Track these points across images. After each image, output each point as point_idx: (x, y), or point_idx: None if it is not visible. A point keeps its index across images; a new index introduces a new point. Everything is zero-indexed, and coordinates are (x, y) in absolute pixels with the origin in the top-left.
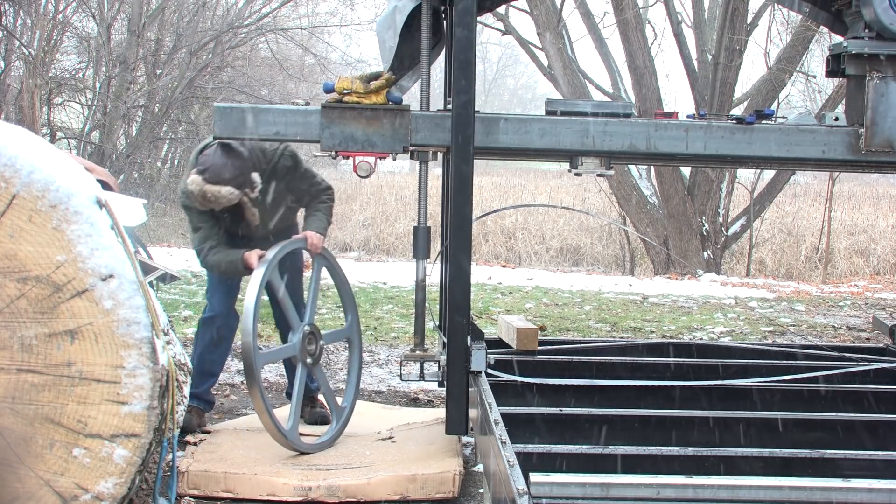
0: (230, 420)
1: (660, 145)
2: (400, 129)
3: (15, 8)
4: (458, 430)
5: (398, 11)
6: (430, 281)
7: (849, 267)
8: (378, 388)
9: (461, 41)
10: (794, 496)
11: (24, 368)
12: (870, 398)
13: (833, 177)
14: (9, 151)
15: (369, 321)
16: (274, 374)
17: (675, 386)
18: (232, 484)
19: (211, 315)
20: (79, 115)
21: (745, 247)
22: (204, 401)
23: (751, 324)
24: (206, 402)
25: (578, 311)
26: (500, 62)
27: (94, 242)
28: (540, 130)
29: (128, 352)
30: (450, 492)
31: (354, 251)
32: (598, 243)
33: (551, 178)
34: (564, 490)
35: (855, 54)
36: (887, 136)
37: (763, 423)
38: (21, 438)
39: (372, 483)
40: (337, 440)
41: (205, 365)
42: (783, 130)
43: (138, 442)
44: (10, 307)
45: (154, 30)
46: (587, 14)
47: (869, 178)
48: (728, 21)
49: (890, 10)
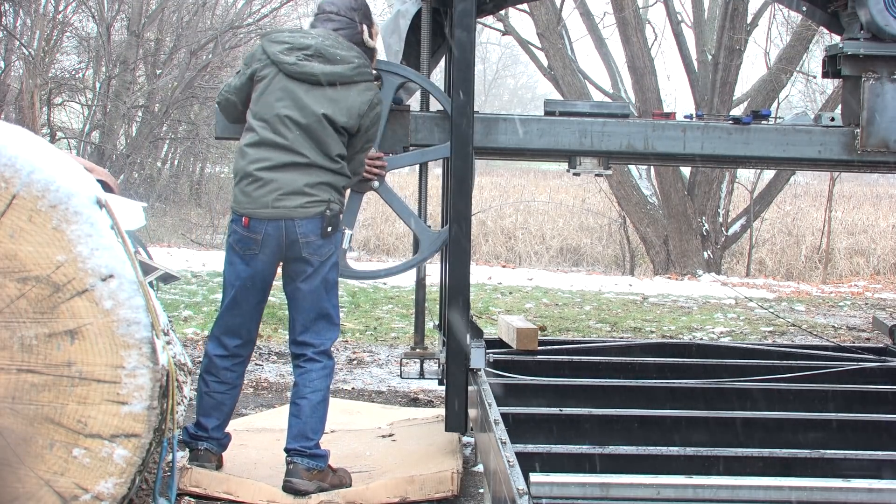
0: (231, 420)
1: (657, 145)
2: (400, 130)
3: (15, 8)
4: (458, 427)
5: (401, 16)
6: (430, 281)
7: (849, 267)
8: (378, 388)
9: (460, 43)
10: (794, 496)
11: (24, 368)
12: (870, 398)
13: (833, 177)
14: (9, 151)
15: (369, 321)
16: (274, 374)
17: (675, 386)
18: (233, 486)
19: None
20: (79, 115)
21: (745, 247)
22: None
23: (751, 324)
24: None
25: (578, 311)
26: (500, 62)
27: (94, 242)
28: (539, 131)
29: (128, 352)
30: (449, 491)
31: (354, 251)
32: (598, 243)
33: (551, 178)
34: (564, 490)
35: (851, 55)
36: (883, 137)
37: (763, 423)
38: (21, 438)
39: (370, 488)
40: None
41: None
42: (780, 131)
43: (138, 442)
44: (10, 307)
45: (154, 30)
46: (587, 14)
47: (869, 179)
48: (728, 21)
49: (885, 11)
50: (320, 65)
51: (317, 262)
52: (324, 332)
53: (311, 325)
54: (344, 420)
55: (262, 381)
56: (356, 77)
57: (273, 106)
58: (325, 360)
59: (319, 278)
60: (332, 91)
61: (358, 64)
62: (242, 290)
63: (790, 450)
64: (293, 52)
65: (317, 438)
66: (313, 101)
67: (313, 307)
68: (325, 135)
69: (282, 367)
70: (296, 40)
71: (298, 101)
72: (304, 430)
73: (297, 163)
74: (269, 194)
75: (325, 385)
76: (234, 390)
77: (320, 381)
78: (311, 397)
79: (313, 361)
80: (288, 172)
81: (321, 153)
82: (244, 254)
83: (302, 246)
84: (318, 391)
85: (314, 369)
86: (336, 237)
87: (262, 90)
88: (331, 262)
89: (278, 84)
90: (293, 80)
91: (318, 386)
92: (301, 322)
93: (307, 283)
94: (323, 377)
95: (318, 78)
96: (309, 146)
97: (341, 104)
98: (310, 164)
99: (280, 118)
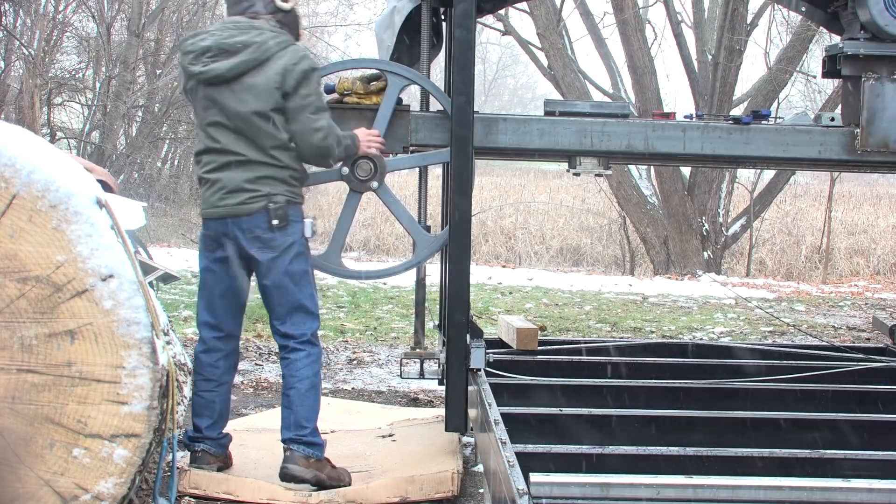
0: (231, 420)
1: (657, 145)
2: (400, 130)
3: (15, 8)
4: (458, 427)
5: (397, 12)
6: (430, 280)
7: (849, 267)
8: (378, 389)
9: (460, 43)
10: (794, 496)
11: (24, 368)
12: (870, 398)
13: (833, 177)
14: (9, 151)
15: (369, 321)
16: (274, 374)
17: (675, 386)
18: (232, 486)
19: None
20: (79, 115)
21: (745, 247)
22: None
23: (751, 324)
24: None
25: (578, 312)
26: (500, 62)
27: (94, 242)
28: (539, 131)
29: (128, 352)
30: (449, 491)
31: (354, 251)
32: (598, 243)
33: (551, 178)
34: (564, 490)
35: (851, 55)
36: (883, 137)
37: (763, 423)
38: (21, 438)
39: (371, 487)
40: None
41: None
42: (779, 131)
43: (138, 442)
44: (10, 307)
45: (154, 30)
46: (587, 14)
47: (869, 178)
48: (728, 21)
49: (885, 11)
50: (224, 61)
51: (271, 256)
52: (302, 322)
53: (287, 317)
54: (344, 420)
55: (262, 381)
56: (262, 56)
57: (203, 116)
58: (308, 349)
59: (280, 271)
60: (246, 81)
61: (261, 41)
62: (206, 282)
63: (790, 450)
64: (199, 58)
65: (311, 426)
66: (233, 101)
67: (284, 300)
68: (255, 131)
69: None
70: (196, 45)
71: (220, 105)
72: (297, 418)
73: (235, 161)
74: (214, 195)
75: (311, 372)
76: (221, 388)
77: (306, 370)
78: (299, 386)
79: (296, 351)
80: (228, 171)
81: (256, 149)
82: (205, 251)
83: (251, 241)
84: (305, 379)
85: (298, 358)
86: (292, 228)
87: (194, 102)
88: (290, 253)
89: (201, 93)
90: (210, 85)
91: (304, 374)
92: (277, 315)
93: (269, 278)
94: (308, 365)
95: (225, 76)
96: (244, 145)
97: (257, 89)
98: (247, 160)
99: (211, 125)
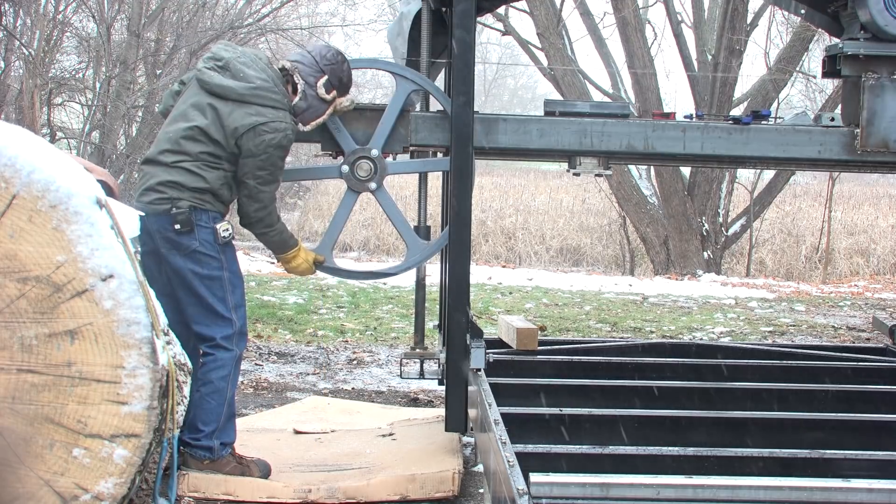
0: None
1: (657, 145)
2: (400, 130)
3: (15, 8)
4: (458, 427)
5: (405, 18)
6: (430, 281)
7: (849, 267)
8: (378, 389)
9: (460, 42)
10: (794, 496)
11: (24, 368)
12: (870, 398)
13: (833, 177)
14: (9, 151)
15: (369, 321)
16: (274, 374)
17: (675, 386)
18: (232, 486)
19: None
20: (79, 116)
21: (745, 247)
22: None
23: (751, 324)
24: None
25: (578, 312)
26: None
27: (94, 243)
28: (539, 131)
29: (128, 352)
30: (449, 490)
31: (354, 251)
32: (598, 243)
33: (551, 178)
34: (564, 490)
35: (851, 55)
36: (883, 137)
37: (763, 423)
38: (21, 438)
39: (371, 484)
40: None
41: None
42: (779, 131)
43: (138, 442)
44: (10, 307)
45: (154, 30)
46: (587, 14)
47: (869, 179)
48: (728, 21)
49: (885, 11)
50: (220, 76)
51: (178, 257)
52: (213, 326)
53: (198, 318)
54: (344, 420)
55: (262, 381)
56: (249, 97)
57: (177, 105)
58: (217, 353)
59: (186, 273)
60: (221, 103)
61: (258, 86)
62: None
63: (790, 450)
64: (210, 61)
65: (207, 429)
66: (200, 109)
67: (192, 301)
68: (191, 139)
69: (282, 367)
70: (219, 53)
71: (193, 105)
72: (193, 420)
73: (162, 161)
74: (139, 186)
75: (216, 377)
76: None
77: (212, 374)
78: (202, 389)
79: (206, 355)
80: (153, 167)
81: (180, 153)
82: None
83: (162, 241)
84: (209, 383)
85: (207, 362)
86: (200, 233)
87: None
88: (197, 256)
89: (192, 87)
90: (201, 88)
91: (208, 378)
92: (188, 317)
93: (176, 278)
94: (214, 369)
95: (211, 87)
96: (179, 149)
97: (223, 119)
98: (171, 164)
99: (176, 116)
